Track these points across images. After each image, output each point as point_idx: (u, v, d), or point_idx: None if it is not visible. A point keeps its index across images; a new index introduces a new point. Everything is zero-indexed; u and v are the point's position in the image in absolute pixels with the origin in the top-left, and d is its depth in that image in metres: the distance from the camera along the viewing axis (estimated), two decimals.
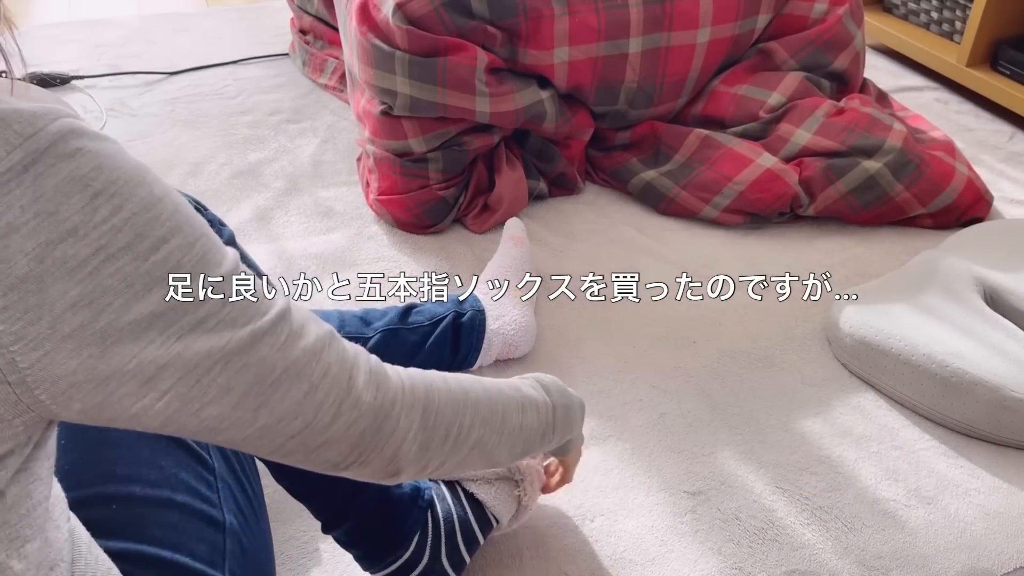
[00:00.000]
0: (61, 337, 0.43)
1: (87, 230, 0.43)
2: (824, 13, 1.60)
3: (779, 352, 1.22)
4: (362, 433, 0.57)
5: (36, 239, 0.41)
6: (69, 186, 0.42)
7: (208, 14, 2.34)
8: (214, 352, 0.48)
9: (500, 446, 0.68)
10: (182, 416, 0.48)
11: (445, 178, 1.43)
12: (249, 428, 0.51)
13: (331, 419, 0.55)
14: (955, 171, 1.45)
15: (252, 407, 0.51)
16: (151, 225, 0.45)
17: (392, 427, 0.59)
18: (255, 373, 0.50)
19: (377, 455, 0.59)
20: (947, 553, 0.94)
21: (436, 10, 1.32)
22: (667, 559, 0.93)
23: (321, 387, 0.54)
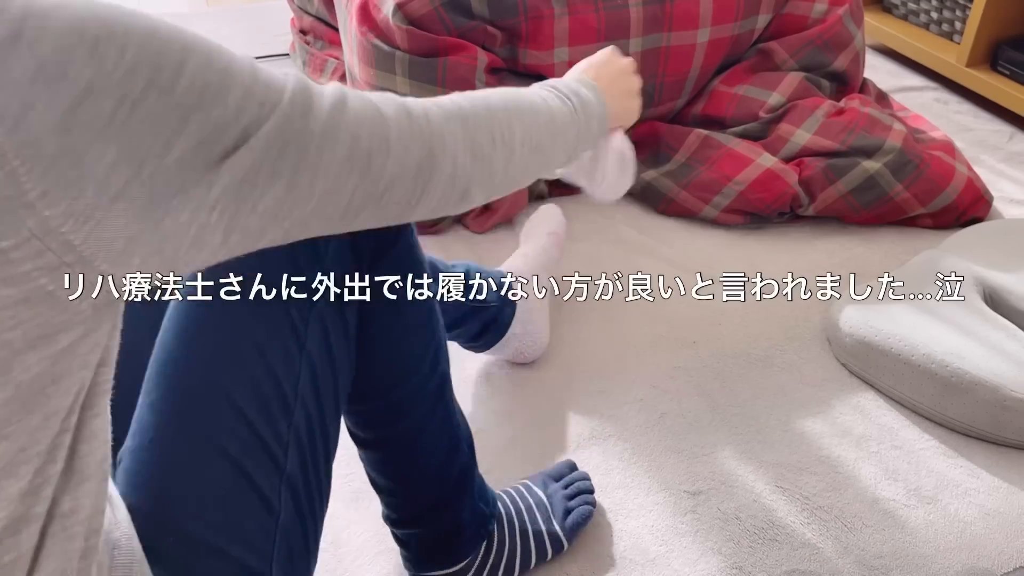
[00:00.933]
0: (109, 200, 0.41)
1: (103, 82, 0.40)
2: (824, 13, 1.60)
3: (779, 352, 1.22)
4: (418, 162, 0.57)
5: (55, 109, 0.39)
6: (67, 41, 0.39)
7: (208, 14, 2.34)
8: (254, 147, 0.47)
9: (545, 137, 0.68)
10: (241, 218, 0.48)
11: None
12: (311, 201, 0.51)
13: (383, 159, 0.54)
14: (955, 171, 1.45)
15: (307, 180, 0.50)
16: (163, 52, 0.43)
17: (440, 144, 0.59)
18: (296, 148, 0.49)
19: (439, 177, 0.58)
20: (947, 553, 0.94)
21: (436, 10, 1.32)
22: (667, 559, 0.93)
23: (361, 133, 0.53)
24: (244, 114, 0.46)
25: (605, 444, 1.07)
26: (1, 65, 0.38)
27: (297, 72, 0.54)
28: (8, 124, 0.38)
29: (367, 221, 0.57)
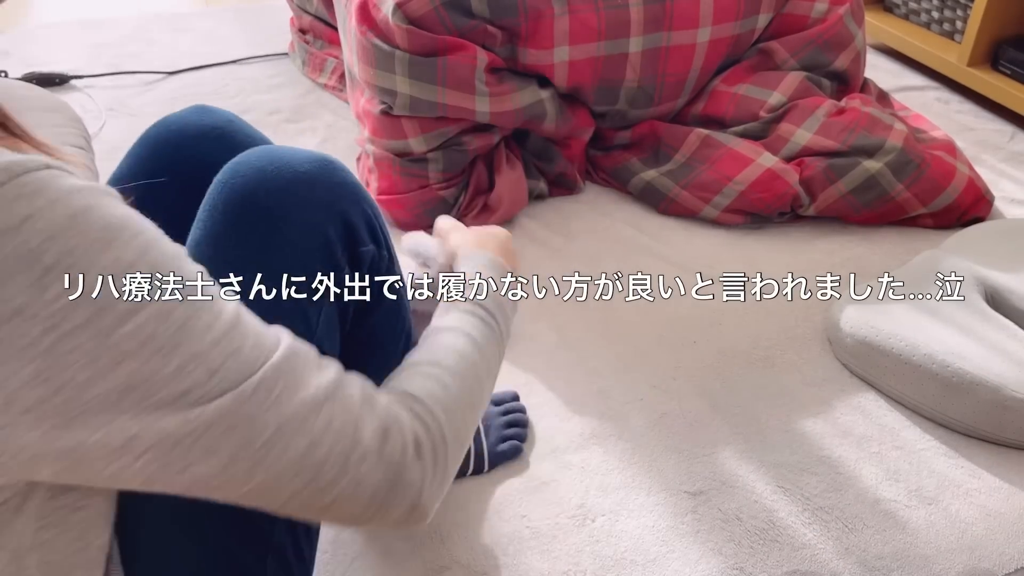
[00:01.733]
0: (19, 412, 0.40)
1: (35, 309, 0.39)
2: (825, 13, 1.60)
3: (780, 352, 1.22)
4: (375, 488, 0.53)
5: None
6: (12, 265, 0.38)
7: (207, 14, 2.34)
8: (193, 420, 0.44)
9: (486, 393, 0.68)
10: (165, 476, 0.45)
11: (445, 178, 1.43)
12: (244, 486, 0.48)
13: (336, 475, 0.51)
14: (956, 171, 1.45)
15: (244, 468, 0.47)
16: (116, 296, 0.41)
17: (409, 478, 0.55)
18: (243, 434, 0.46)
19: (397, 506, 0.55)
20: (948, 554, 0.94)
21: (436, 9, 1.32)
22: (668, 559, 0.93)
23: (323, 442, 0.50)
24: (187, 378, 0.44)
25: (605, 444, 1.07)
26: None
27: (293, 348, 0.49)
28: None
29: (306, 517, 0.54)
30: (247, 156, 0.63)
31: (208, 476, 0.47)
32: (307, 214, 0.62)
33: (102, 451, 0.43)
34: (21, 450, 0.41)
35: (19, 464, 0.42)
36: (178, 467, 0.45)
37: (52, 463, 0.42)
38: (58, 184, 0.40)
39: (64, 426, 0.41)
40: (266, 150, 0.64)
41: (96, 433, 0.42)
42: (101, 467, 0.43)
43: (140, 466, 0.44)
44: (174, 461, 0.45)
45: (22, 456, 0.41)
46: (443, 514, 0.97)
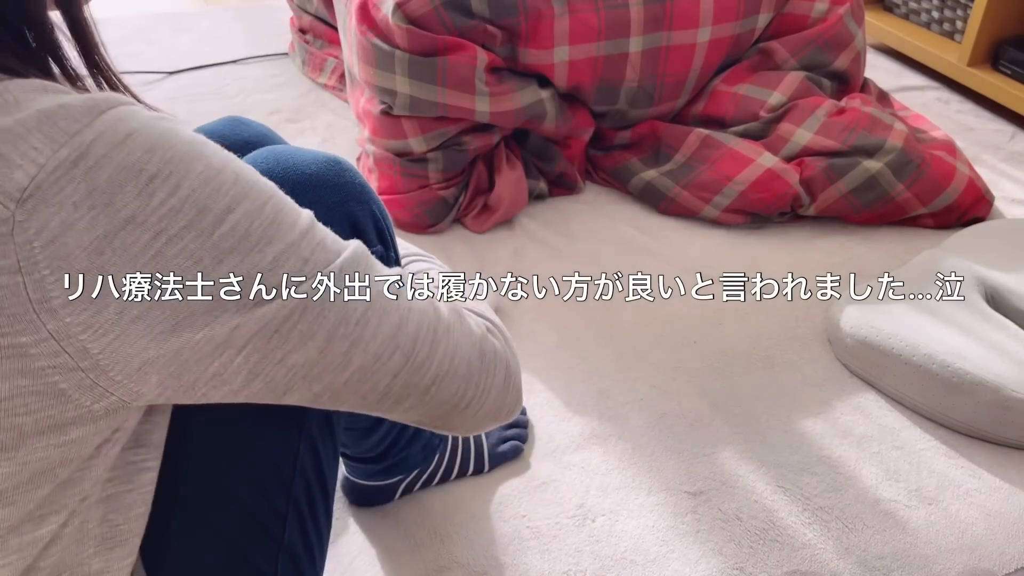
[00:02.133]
0: (130, 320, 0.42)
1: (145, 215, 0.42)
2: (825, 12, 1.60)
3: (780, 352, 1.22)
4: (468, 359, 0.56)
5: (93, 233, 0.41)
6: (122, 175, 0.42)
7: (207, 13, 2.34)
8: (288, 304, 0.47)
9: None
10: (266, 367, 0.48)
11: (445, 178, 1.43)
12: (345, 371, 0.51)
13: (431, 348, 0.54)
14: (956, 171, 1.45)
15: (342, 349, 0.50)
16: (213, 198, 0.44)
17: (492, 346, 0.58)
18: (337, 314, 0.49)
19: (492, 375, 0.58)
20: (948, 554, 0.94)
21: (436, 9, 1.32)
22: (668, 559, 0.93)
23: (411, 318, 0.53)
24: (281, 267, 0.46)
25: (605, 444, 1.07)
26: (56, 184, 0.40)
27: (359, 243, 0.53)
28: (45, 237, 0.40)
29: (409, 415, 0.56)
30: (254, 158, 0.64)
31: (308, 363, 0.49)
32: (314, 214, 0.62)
33: (207, 347, 0.45)
34: (132, 358, 0.43)
35: (129, 376, 0.44)
36: (279, 355, 0.48)
37: (160, 368, 0.44)
38: (145, 112, 0.45)
39: (172, 330, 0.44)
40: (273, 151, 0.64)
41: (201, 331, 0.44)
42: (206, 365, 0.45)
43: (242, 360, 0.46)
44: (274, 349, 0.47)
45: (132, 365, 0.43)
46: (443, 514, 0.97)
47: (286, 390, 0.50)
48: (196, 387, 0.47)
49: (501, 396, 0.61)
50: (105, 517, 0.50)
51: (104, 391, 0.44)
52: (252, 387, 0.48)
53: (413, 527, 0.96)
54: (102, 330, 0.42)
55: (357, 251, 0.52)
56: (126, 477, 0.50)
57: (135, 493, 0.51)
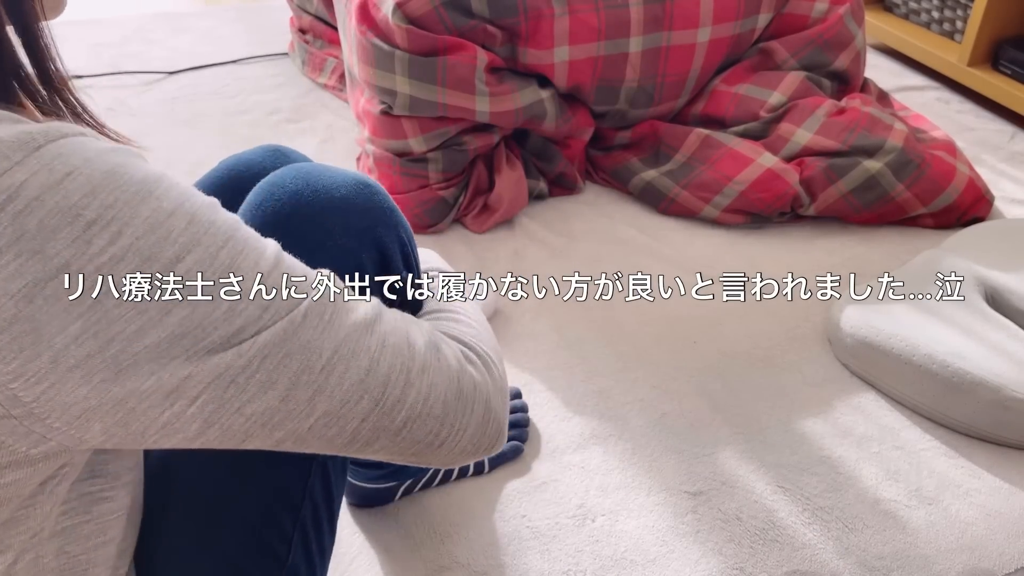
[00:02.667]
0: (66, 369, 0.39)
1: (81, 264, 0.39)
2: (825, 12, 1.60)
3: (780, 352, 1.22)
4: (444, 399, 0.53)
5: (20, 280, 0.38)
6: (56, 219, 0.38)
7: (207, 13, 2.34)
8: (246, 352, 0.44)
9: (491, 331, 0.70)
10: (223, 417, 0.44)
11: (445, 178, 1.43)
12: (308, 419, 0.47)
13: (402, 391, 0.51)
14: (956, 171, 1.45)
15: (305, 397, 0.47)
16: (159, 245, 0.41)
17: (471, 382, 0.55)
18: (300, 361, 0.46)
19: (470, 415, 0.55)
20: (948, 554, 0.94)
21: (436, 9, 1.32)
22: (668, 559, 0.93)
23: (382, 359, 0.49)
24: (239, 316, 0.43)
25: (606, 444, 1.07)
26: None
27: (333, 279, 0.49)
28: None
29: (380, 455, 0.53)
30: (283, 178, 0.61)
31: (268, 411, 0.46)
32: (342, 240, 0.60)
33: (155, 397, 0.42)
34: (70, 407, 0.40)
35: (69, 423, 0.41)
36: (236, 405, 0.44)
37: (103, 417, 0.41)
38: (93, 145, 0.41)
39: (114, 379, 0.41)
40: (302, 171, 0.62)
41: (148, 380, 0.41)
42: (155, 415, 0.42)
43: (196, 409, 0.43)
44: (231, 399, 0.44)
45: (72, 413, 0.40)
46: (443, 514, 0.97)
47: (245, 437, 0.47)
48: (146, 435, 0.44)
49: (479, 432, 0.57)
50: (62, 549, 0.47)
51: (41, 437, 0.41)
52: (208, 435, 0.45)
53: (413, 527, 0.96)
54: (35, 379, 0.39)
55: (327, 291, 0.48)
56: (82, 508, 0.48)
57: (92, 524, 0.49)
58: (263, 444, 0.48)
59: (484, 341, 0.62)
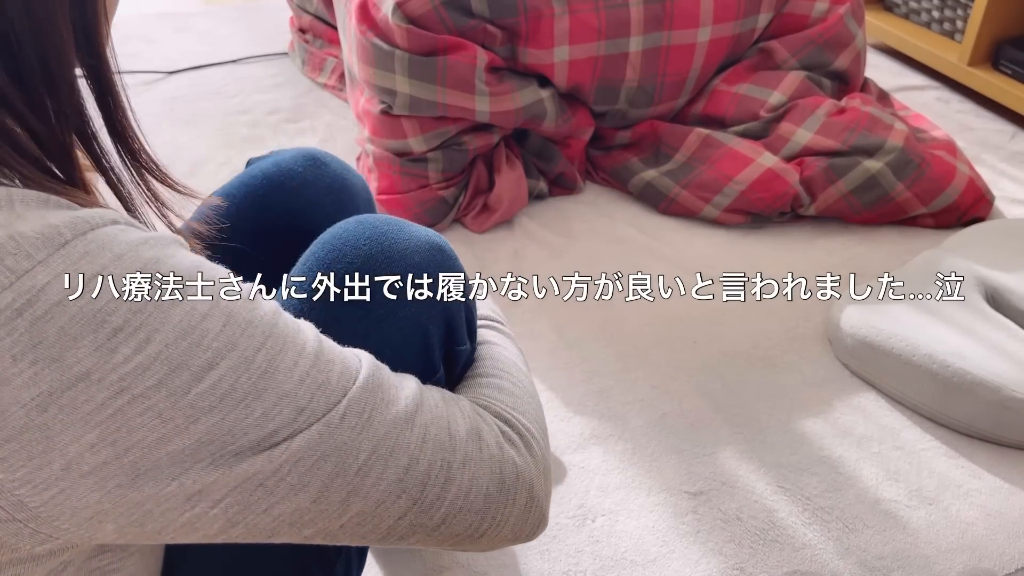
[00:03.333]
0: (78, 476, 0.36)
1: (103, 373, 0.36)
2: (825, 12, 1.60)
3: (780, 352, 1.21)
4: (485, 492, 0.50)
5: (35, 389, 0.35)
6: (78, 327, 0.35)
7: (207, 13, 2.34)
8: (277, 458, 0.40)
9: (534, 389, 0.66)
10: (248, 517, 0.41)
11: (445, 178, 1.42)
12: (340, 519, 0.44)
13: (442, 489, 0.47)
14: (956, 171, 1.45)
15: (339, 499, 0.43)
16: (191, 352, 0.37)
17: (514, 471, 0.52)
18: (335, 463, 0.42)
19: (512, 505, 0.51)
20: (949, 554, 0.94)
21: (436, 9, 1.32)
22: (668, 559, 0.93)
23: (422, 457, 0.46)
24: (272, 420, 0.40)
25: (606, 444, 1.07)
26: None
27: (374, 365, 0.46)
28: None
29: (415, 544, 0.50)
30: (356, 237, 0.56)
31: (297, 512, 0.42)
32: (412, 311, 0.57)
33: (175, 500, 0.39)
34: (81, 510, 0.37)
35: (79, 524, 0.38)
36: (263, 507, 0.41)
37: (117, 519, 0.38)
38: (124, 238, 0.37)
39: (131, 484, 0.37)
40: (376, 231, 0.57)
41: (169, 485, 0.38)
42: (175, 516, 0.39)
43: (219, 511, 0.40)
44: (258, 501, 0.41)
45: (82, 516, 0.37)
46: None
47: (271, 535, 0.44)
48: (163, 533, 0.41)
49: (521, 521, 0.53)
50: None
51: (47, 536, 0.38)
52: (231, 533, 0.42)
53: None
54: (43, 485, 0.36)
55: (367, 383, 0.45)
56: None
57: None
58: (291, 539, 0.45)
59: (527, 413, 0.58)
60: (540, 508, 0.55)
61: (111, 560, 0.45)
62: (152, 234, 0.39)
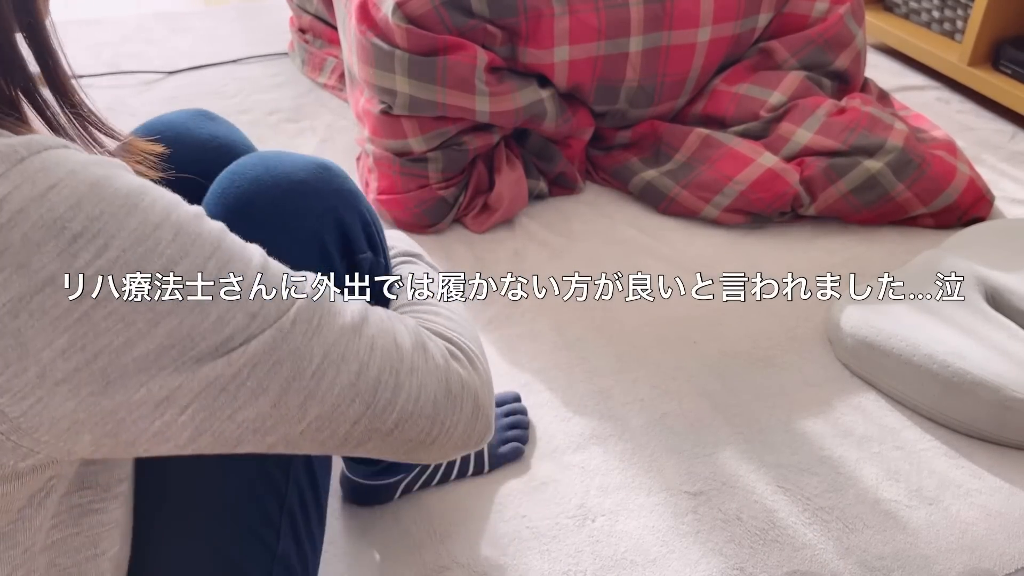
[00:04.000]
0: (53, 383, 0.39)
1: (68, 276, 0.38)
2: (825, 12, 1.60)
3: (780, 352, 1.21)
4: (433, 398, 0.53)
5: (5, 295, 0.37)
6: (40, 233, 0.38)
7: (207, 13, 2.34)
8: (236, 361, 0.44)
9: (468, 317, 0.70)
10: (214, 424, 0.44)
11: (445, 178, 1.42)
12: (300, 424, 0.48)
13: (392, 393, 0.51)
14: (956, 171, 1.45)
15: (297, 402, 0.47)
16: (147, 259, 0.40)
17: (458, 380, 0.56)
18: (290, 368, 0.46)
19: (460, 411, 0.56)
20: (949, 554, 0.94)
21: (436, 9, 1.32)
22: (668, 560, 0.93)
23: (372, 363, 0.50)
24: (227, 325, 0.43)
25: (606, 444, 1.07)
26: None
27: (321, 282, 0.50)
28: None
29: (372, 454, 0.54)
30: (243, 165, 0.62)
31: (259, 417, 0.46)
32: (304, 223, 0.61)
33: (145, 408, 0.42)
34: (58, 420, 0.40)
35: (57, 436, 0.40)
36: (227, 412, 0.44)
37: (93, 428, 0.41)
38: (77, 157, 0.40)
39: (102, 391, 0.40)
40: (261, 158, 0.63)
41: (138, 392, 0.41)
42: (146, 425, 0.42)
43: (186, 418, 0.43)
44: (222, 407, 0.44)
45: (60, 427, 0.40)
46: (443, 514, 0.97)
47: (237, 443, 0.46)
48: (136, 444, 0.43)
49: (469, 428, 0.58)
50: (53, 563, 0.47)
51: (29, 450, 0.40)
52: (199, 442, 0.45)
53: (413, 527, 0.96)
54: (21, 394, 0.38)
55: (314, 294, 0.48)
56: (71, 521, 0.47)
57: (83, 536, 0.48)
58: (255, 448, 0.48)
59: (466, 335, 0.62)
60: (486, 416, 0.59)
61: (92, 498, 0.48)
62: (103, 156, 0.42)
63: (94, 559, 0.50)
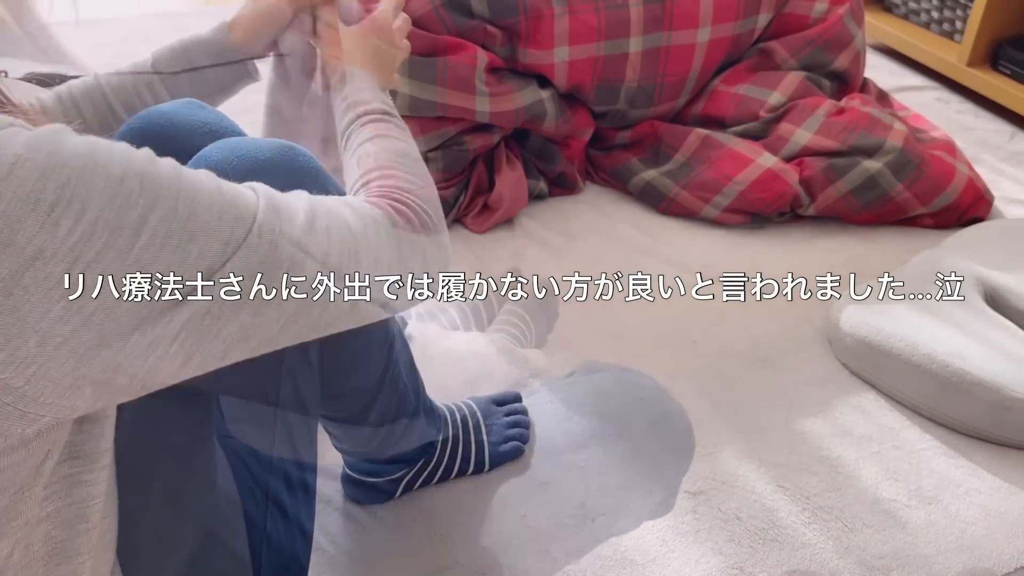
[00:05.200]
0: (53, 347, 0.40)
1: (55, 248, 0.39)
2: (824, 13, 1.60)
3: (780, 352, 1.22)
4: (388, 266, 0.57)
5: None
6: (17, 209, 0.38)
7: (207, 13, 2.34)
8: (218, 288, 0.46)
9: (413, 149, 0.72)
10: (203, 345, 0.47)
11: (445, 178, 1.43)
12: (279, 321, 0.50)
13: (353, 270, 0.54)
14: (955, 171, 1.45)
15: (274, 305, 0.49)
16: (123, 213, 0.42)
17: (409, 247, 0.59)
18: (265, 276, 0.48)
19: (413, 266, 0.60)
20: (948, 553, 0.94)
21: (436, 9, 1.32)
22: (668, 559, 0.93)
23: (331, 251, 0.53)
24: (206, 257, 0.45)
25: (606, 444, 1.07)
26: None
27: (262, 189, 0.52)
28: None
29: (344, 327, 0.56)
30: (211, 149, 0.64)
31: (242, 328, 0.48)
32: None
33: (138, 349, 0.43)
34: (61, 379, 0.41)
35: (61, 395, 0.42)
36: (212, 332, 0.47)
37: (92, 380, 0.43)
38: (27, 131, 0.41)
39: (99, 344, 0.42)
40: (227, 142, 0.65)
41: (131, 337, 0.43)
42: (140, 363, 0.44)
43: (176, 348, 0.45)
44: (207, 329, 0.46)
45: (63, 385, 0.41)
46: (443, 514, 0.97)
47: (224, 356, 0.49)
48: (133, 385, 0.45)
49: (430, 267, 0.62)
50: (48, 535, 0.48)
51: (36, 416, 0.42)
52: (190, 365, 0.47)
53: (413, 527, 0.96)
54: (23, 364, 0.40)
55: (268, 204, 0.50)
56: (63, 491, 0.49)
57: (74, 508, 0.50)
58: (240, 356, 0.50)
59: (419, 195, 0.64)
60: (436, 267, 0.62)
61: (80, 469, 0.49)
62: (43, 128, 0.42)
63: (85, 533, 0.51)
